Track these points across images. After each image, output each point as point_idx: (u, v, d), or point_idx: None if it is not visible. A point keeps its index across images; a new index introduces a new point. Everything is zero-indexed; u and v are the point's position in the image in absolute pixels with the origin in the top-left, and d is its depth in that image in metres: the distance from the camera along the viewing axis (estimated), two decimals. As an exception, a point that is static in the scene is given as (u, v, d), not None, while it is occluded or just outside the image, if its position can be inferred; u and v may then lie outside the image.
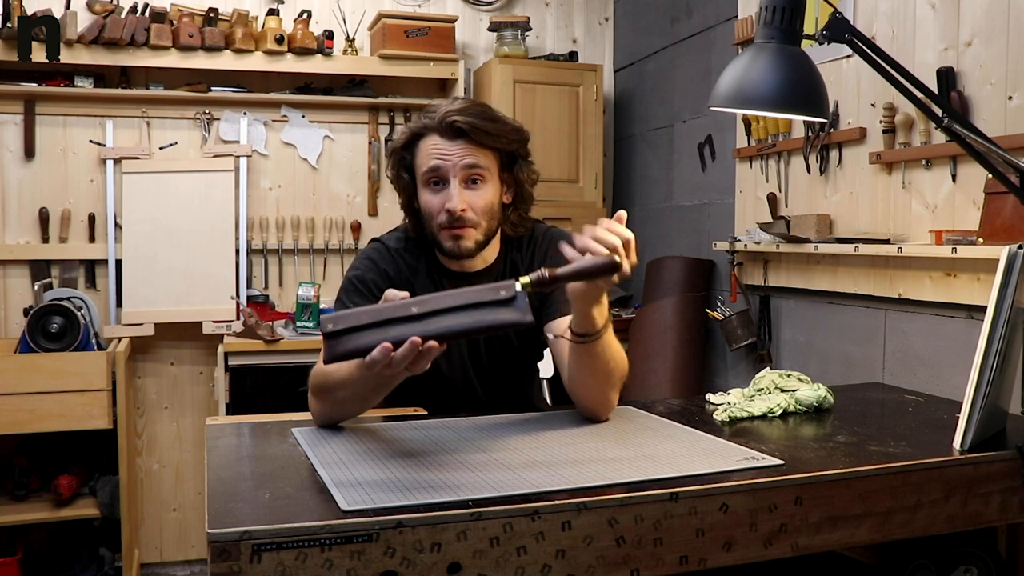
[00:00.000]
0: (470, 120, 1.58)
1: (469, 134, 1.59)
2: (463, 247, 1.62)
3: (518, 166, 1.68)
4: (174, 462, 3.61)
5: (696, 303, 3.29)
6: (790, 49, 1.43)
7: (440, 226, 1.62)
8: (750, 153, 3.02)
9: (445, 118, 1.59)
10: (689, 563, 1.17)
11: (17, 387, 2.87)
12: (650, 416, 1.61)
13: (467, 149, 1.59)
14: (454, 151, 1.59)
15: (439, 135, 1.60)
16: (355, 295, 1.65)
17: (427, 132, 1.62)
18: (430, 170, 1.60)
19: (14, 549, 3.12)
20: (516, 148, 1.67)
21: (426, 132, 1.62)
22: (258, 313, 3.31)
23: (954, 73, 2.18)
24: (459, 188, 1.59)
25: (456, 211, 1.58)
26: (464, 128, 1.58)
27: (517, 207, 1.71)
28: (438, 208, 1.61)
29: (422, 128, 1.63)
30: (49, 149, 3.43)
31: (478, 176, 1.61)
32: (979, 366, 1.35)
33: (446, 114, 1.59)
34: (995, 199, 2.02)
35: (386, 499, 1.10)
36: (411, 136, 1.65)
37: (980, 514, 1.36)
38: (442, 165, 1.59)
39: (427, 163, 1.61)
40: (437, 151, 1.60)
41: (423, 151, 1.62)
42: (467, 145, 1.59)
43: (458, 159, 1.59)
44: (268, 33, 3.43)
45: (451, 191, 1.59)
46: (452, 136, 1.59)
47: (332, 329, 1.18)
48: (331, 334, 1.18)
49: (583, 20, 4.13)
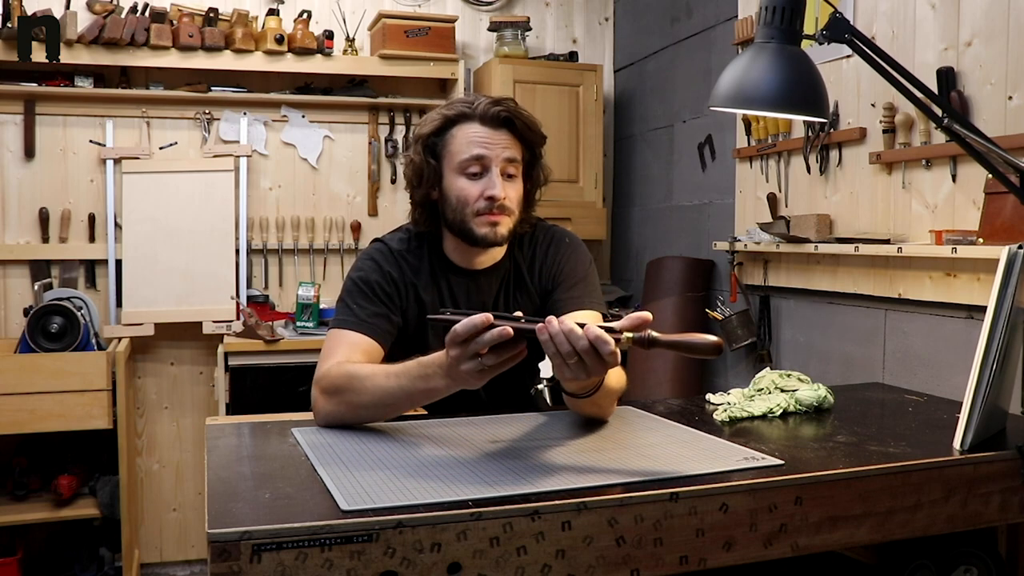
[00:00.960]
0: (516, 112, 1.61)
1: (513, 124, 1.61)
2: (499, 233, 1.62)
3: (537, 165, 1.70)
4: (174, 462, 3.61)
5: (696, 303, 3.29)
6: (790, 49, 1.43)
7: (477, 211, 1.60)
8: (750, 153, 3.02)
9: (489, 108, 1.60)
10: (689, 563, 1.17)
11: (17, 387, 2.87)
12: (650, 416, 1.61)
13: (509, 140, 1.61)
14: (498, 140, 1.60)
15: (481, 123, 1.60)
16: (358, 296, 1.64)
17: (465, 120, 1.62)
18: (473, 158, 1.60)
19: (14, 549, 3.12)
20: (539, 146, 1.69)
21: (463, 120, 1.62)
22: (258, 313, 3.31)
23: (954, 73, 2.18)
24: (500, 177, 1.60)
25: (500, 198, 1.59)
26: (510, 118, 1.60)
27: (528, 204, 1.72)
28: (476, 195, 1.60)
29: (458, 116, 1.62)
30: (49, 149, 3.43)
31: (514, 169, 1.63)
32: (979, 366, 1.36)
33: (490, 104, 1.60)
34: (995, 199, 2.02)
35: (386, 499, 1.10)
36: (444, 123, 1.63)
37: (980, 514, 1.36)
38: (486, 154, 1.59)
39: (468, 150, 1.60)
40: (480, 139, 1.60)
41: (461, 138, 1.61)
42: (509, 136, 1.61)
43: (501, 149, 1.60)
44: (268, 33, 3.43)
45: (493, 179, 1.59)
46: (496, 126, 1.60)
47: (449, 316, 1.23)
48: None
49: (583, 20, 4.13)
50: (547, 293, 1.72)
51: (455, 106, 1.63)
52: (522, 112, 1.64)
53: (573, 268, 1.72)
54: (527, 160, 1.67)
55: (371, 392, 1.43)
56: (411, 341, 1.69)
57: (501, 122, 1.60)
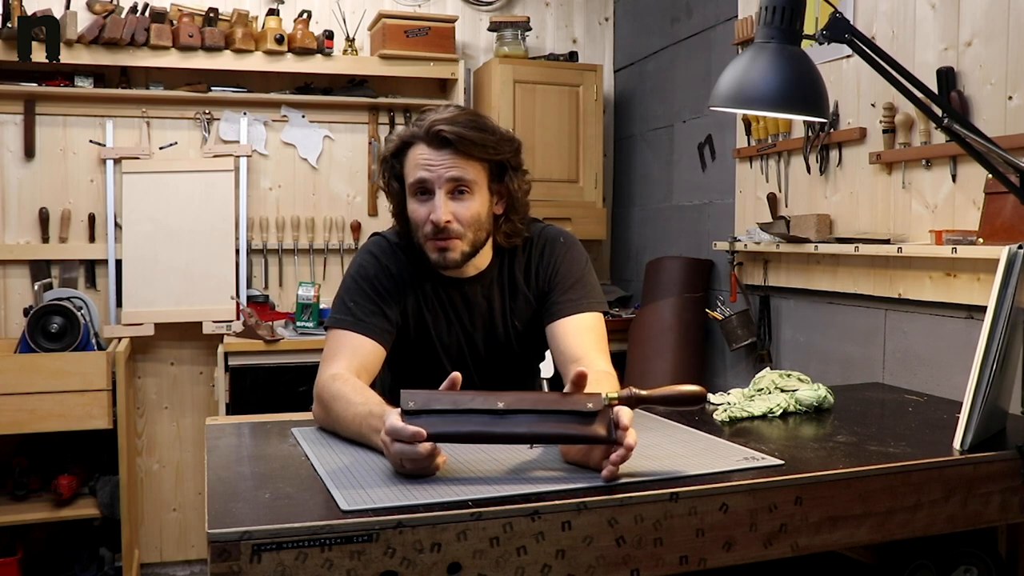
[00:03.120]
0: (457, 130, 1.55)
1: (455, 144, 1.55)
2: (448, 259, 1.59)
3: (509, 176, 1.64)
4: (174, 462, 3.61)
5: (696, 303, 3.29)
6: (790, 49, 1.43)
7: (426, 236, 1.59)
8: (750, 153, 3.02)
9: (432, 127, 1.56)
10: (689, 563, 1.17)
11: (17, 387, 2.87)
12: (650, 416, 1.61)
13: (454, 160, 1.56)
14: (440, 161, 1.56)
15: (426, 145, 1.57)
16: (356, 294, 1.64)
17: (415, 141, 1.59)
18: (417, 181, 1.58)
19: (14, 549, 3.12)
20: (507, 158, 1.63)
21: (414, 141, 1.59)
22: (258, 313, 3.31)
23: (954, 73, 2.18)
24: (444, 199, 1.56)
25: (440, 222, 1.55)
26: (450, 138, 1.55)
27: (510, 217, 1.67)
28: (424, 219, 1.58)
29: (410, 137, 1.60)
30: (49, 149, 3.43)
31: (464, 188, 1.58)
32: (979, 366, 1.35)
33: (433, 123, 1.56)
34: (995, 199, 2.02)
35: (386, 499, 1.10)
36: (400, 144, 1.62)
37: (980, 514, 1.36)
38: (428, 177, 1.56)
39: (414, 173, 1.58)
40: (424, 161, 1.57)
41: (411, 160, 1.60)
42: (454, 156, 1.56)
43: (444, 170, 1.56)
44: (268, 33, 3.43)
45: (436, 202, 1.56)
46: (439, 146, 1.56)
47: (412, 408, 1.17)
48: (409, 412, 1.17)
49: (583, 20, 4.13)
50: (544, 295, 1.71)
51: (410, 127, 1.61)
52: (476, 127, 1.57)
53: (569, 269, 1.70)
54: (492, 172, 1.62)
55: (343, 422, 1.43)
56: (412, 335, 1.69)
57: (443, 142, 1.56)
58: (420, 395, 1.19)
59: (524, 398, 1.21)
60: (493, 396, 1.20)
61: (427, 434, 1.15)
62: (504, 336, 1.73)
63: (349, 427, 1.41)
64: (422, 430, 1.15)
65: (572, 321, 1.65)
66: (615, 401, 1.21)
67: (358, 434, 1.38)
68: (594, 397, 1.20)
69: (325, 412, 1.49)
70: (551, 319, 1.67)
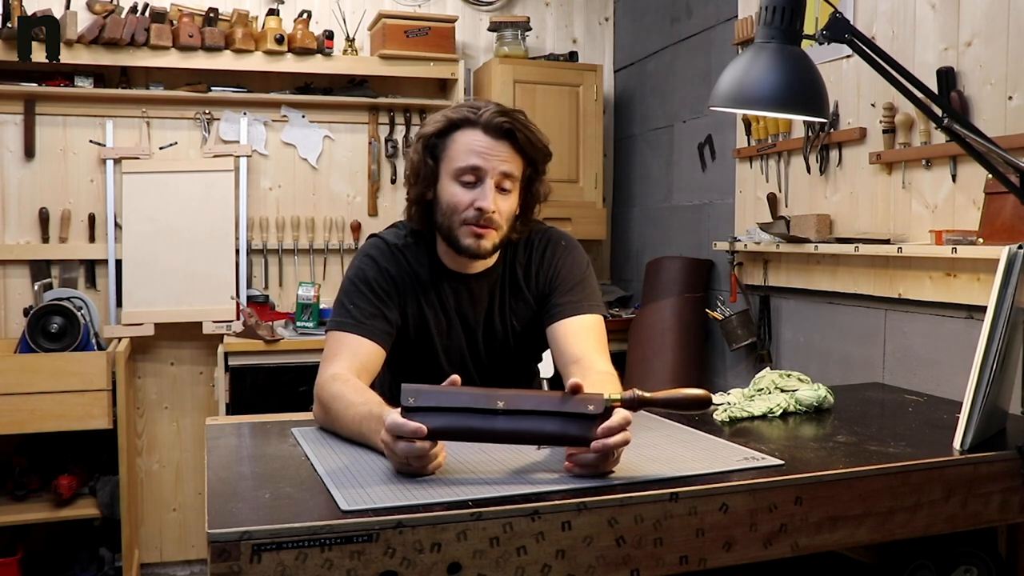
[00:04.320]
0: (518, 126, 1.57)
1: (515, 138, 1.57)
2: (482, 246, 1.59)
3: (538, 181, 1.67)
4: (174, 462, 3.61)
5: (696, 303, 3.29)
6: (790, 49, 1.43)
7: (464, 221, 1.58)
8: (750, 153, 3.02)
9: (494, 117, 1.56)
10: (689, 563, 1.17)
11: (17, 387, 2.87)
12: (650, 416, 1.61)
13: (510, 153, 1.58)
14: (497, 152, 1.57)
15: (483, 132, 1.57)
16: (356, 296, 1.63)
17: (467, 126, 1.59)
18: (469, 167, 1.57)
19: (14, 549, 3.12)
20: (542, 163, 1.66)
21: (466, 126, 1.59)
22: (258, 313, 3.31)
23: (954, 73, 2.18)
24: (493, 190, 1.57)
25: (489, 210, 1.56)
26: (512, 130, 1.56)
27: (524, 218, 1.69)
28: (466, 204, 1.57)
29: (462, 120, 1.59)
30: (49, 149, 3.43)
31: (510, 184, 1.60)
32: (979, 366, 1.36)
33: (495, 113, 1.57)
34: (995, 199, 2.02)
35: (386, 499, 1.10)
36: (448, 125, 1.61)
37: (980, 514, 1.36)
38: (482, 165, 1.56)
39: (466, 159, 1.57)
40: (481, 148, 1.57)
41: (461, 143, 1.59)
42: (510, 149, 1.58)
43: (499, 162, 1.57)
44: (268, 33, 3.43)
45: (485, 190, 1.56)
46: (498, 136, 1.57)
47: (413, 404, 1.17)
48: (410, 408, 1.17)
49: (583, 20, 4.12)
50: (544, 297, 1.71)
51: (461, 110, 1.61)
52: (528, 126, 1.61)
53: (570, 271, 1.70)
54: (527, 175, 1.64)
55: (343, 422, 1.43)
56: (412, 335, 1.69)
57: (503, 133, 1.57)
58: (421, 390, 1.19)
59: (525, 397, 1.21)
60: (493, 394, 1.21)
61: (428, 430, 1.16)
62: (502, 335, 1.73)
63: (349, 427, 1.41)
64: (423, 426, 1.15)
65: (573, 322, 1.65)
66: (617, 403, 1.21)
67: (358, 434, 1.38)
68: (596, 399, 1.20)
69: (325, 412, 1.50)
70: (551, 320, 1.67)
